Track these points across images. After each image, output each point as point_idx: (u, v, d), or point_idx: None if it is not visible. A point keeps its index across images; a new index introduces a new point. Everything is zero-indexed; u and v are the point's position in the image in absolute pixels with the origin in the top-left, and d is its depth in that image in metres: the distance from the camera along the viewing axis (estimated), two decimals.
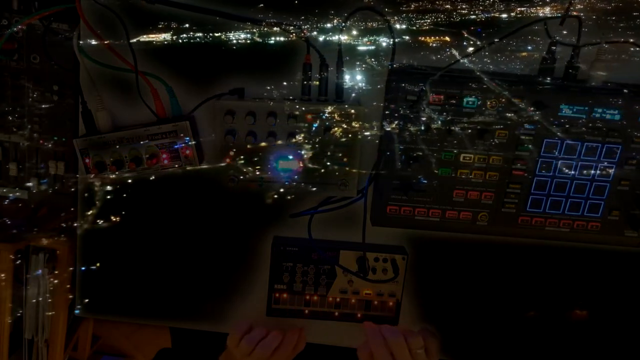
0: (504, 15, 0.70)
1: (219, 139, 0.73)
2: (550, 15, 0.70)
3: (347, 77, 0.74)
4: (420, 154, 0.72)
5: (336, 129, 0.72)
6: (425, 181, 0.73)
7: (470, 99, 0.69)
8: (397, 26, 0.72)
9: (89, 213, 0.81)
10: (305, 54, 0.72)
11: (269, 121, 0.71)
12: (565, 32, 0.70)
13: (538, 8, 0.70)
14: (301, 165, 0.74)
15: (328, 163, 0.74)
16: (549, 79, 0.71)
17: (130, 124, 0.77)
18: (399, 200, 0.75)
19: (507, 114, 0.70)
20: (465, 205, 0.75)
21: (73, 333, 1.52)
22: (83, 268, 0.84)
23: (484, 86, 0.69)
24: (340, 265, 0.80)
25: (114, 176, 0.76)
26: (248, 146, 0.73)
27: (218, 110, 0.72)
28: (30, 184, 0.90)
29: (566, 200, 0.74)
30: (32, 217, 0.94)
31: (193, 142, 0.73)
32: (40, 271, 1.12)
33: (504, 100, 0.69)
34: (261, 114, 0.71)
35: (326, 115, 0.71)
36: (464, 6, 0.70)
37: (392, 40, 0.72)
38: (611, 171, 0.72)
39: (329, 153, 0.73)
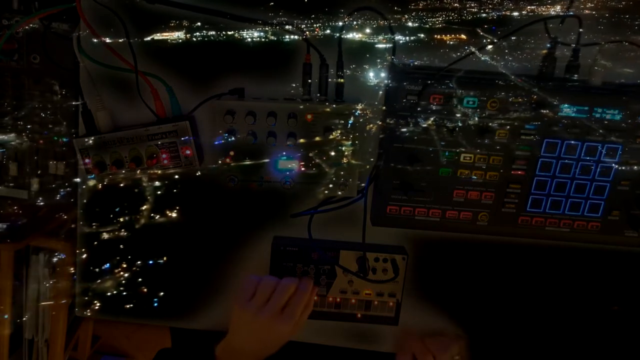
0: (515, 14, 0.70)
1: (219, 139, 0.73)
2: (558, 14, 0.70)
3: (371, 74, 0.74)
4: (421, 154, 0.72)
5: (337, 128, 0.72)
6: (425, 181, 0.73)
7: (470, 98, 0.69)
8: (410, 24, 0.72)
9: (89, 213, 0.81)
10: (305, 53, 0.72)
11: (269, 121, 0.71)
12: (581, 30, 0.69)
13: (548, 6, 0.69)
14: (302, 164, 0.74)
15: (325, 164, 0.74)
16: (549, 78, 0.71)
17: (130, 124, 0.77)
18: (399, 200, 0.75)
19: (507, 114, 0.70)
20: (465, 205, 0.75)
21: (73, 333, 1.52)
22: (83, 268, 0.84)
23: (484, 86, 0.69)
24: (340, 265, 0.80)
25: (113, 176, 0.76)
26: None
27: (218, 110, 0.72)
28: (30, 184, 0.90)
29: (566, 200, 0.74)
30: (32, 217, 0.94)
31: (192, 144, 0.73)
32: (40, 271, 1.12)
33: (504, 100, 0.69)
34: (261, 114, 0.71)
35: (326, 114, 0.71)
36: (472, 4, 0.70)
37: (397, 38, 0.72)
38: (611, 171, 0.72)
39: (329, 153, 0.73)
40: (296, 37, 0.73)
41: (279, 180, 0.75)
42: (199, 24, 0.73)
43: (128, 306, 0.86)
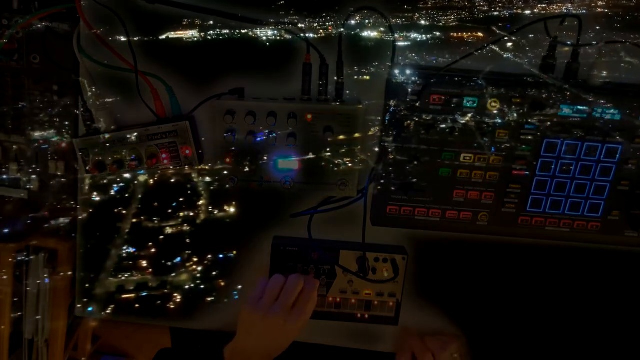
0: (527, 12, 0.70)
1: (219, 139, 0.73)
2: (567, 13, 0.70)
3: (396, 72, 0.73)
4: (421, 154, 0.72)
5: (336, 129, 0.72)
6: (425, 181, 0.73)
7: (470, 98, 0.69)
8: (423, 22, 0.71)
9: (89, 213, 0.81)
10: (305, 53, 0.72)
11: (269, 121, 0.71)
12: (598, 28, 0.69)
13: (560, 5, 0.69)
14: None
15: (325, 164, 0.74)
16: (549, 78, 0.71)
17: (130, 124, 0.77)
18: (399, 200, 0.75)
19: (507, 114, 0.70)
20: (465, 205, 0.75)
21: (73, 333, 1.51)
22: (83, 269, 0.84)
23: (485, 86, 0.69)
24: (340, 265, 0.80)
25: (113, 176, 0.76)
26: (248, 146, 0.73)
27: (218, 110, 0.72)
28: (30, 184, 0.90)
29: (566, 200, 0.74)
30: (32, 217, 0.94)
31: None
32: (40, 271, 1.11)
33: (504, 100, 0.69)
34: (261, 114, 0.71)
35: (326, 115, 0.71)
36: (482, 3, 0.70)
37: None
38: (611, 171, 0.72)
39: (329, 153, 0.73)
40: (297, 36, 0.73)
41: (279, 180, 0.75)
42: (199, 23, 0.73)
43: (128, 306, 0.86)
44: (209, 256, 0.84)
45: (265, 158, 0.74)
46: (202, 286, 0.85)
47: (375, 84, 0.74)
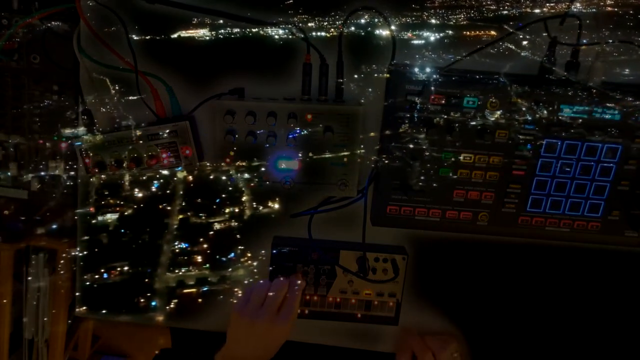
0: (537, 10, 0.70)
1: (219, 139, 0.73)
2: (560, 14, 0.70)
3: (396, 71, 0.73)
4: (420, 154, 0.72)
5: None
6: (425, 181, 0.73)
7: (470, 98, 0.69)
8: (433, 21, 0.71)
9: (89, 212, 0.81)
10: (305, 53, 0.72)
11: (269, 121, 0.71)
12: (609, 27, 0.69)
13: (568, 4, 0.69)
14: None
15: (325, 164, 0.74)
16: (549, 78, 0.71)
17: (130, 124, 0.77)
18: (399, 200, 0.75)
19: (507, 114, 0.70)
20: (465, 205, 0.75)
21: (73, 333, 1.52)
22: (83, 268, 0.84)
23: (485, 86, 0.69)
24: (340, 265, 0.80)
25: (114, 176, 0.76)
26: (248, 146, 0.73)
27: (218, 110, 0.72)
28: (30, 184, 0.90)
29: (566, 200, 0.74)
30: (32, 217, 0.94)
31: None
32: (40, 271, 1.12)
33: (504, 100, 0.69)
34: (261, 114, 0.71)
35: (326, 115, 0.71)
36: (489, 2, 0.70)
37: (391, 37, 0.72)
38: (611, 171, 0.72)
39: (329, 153, 0.73)
40: (298, 37, 0.73)
41: (279, 180, 0.75)
42: (199, 22, 0.73)
43: (128, 306, 0.86)
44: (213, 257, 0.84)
45: (257, 158, 0.74)
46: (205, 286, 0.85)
47: (375, 84, 0.74)
